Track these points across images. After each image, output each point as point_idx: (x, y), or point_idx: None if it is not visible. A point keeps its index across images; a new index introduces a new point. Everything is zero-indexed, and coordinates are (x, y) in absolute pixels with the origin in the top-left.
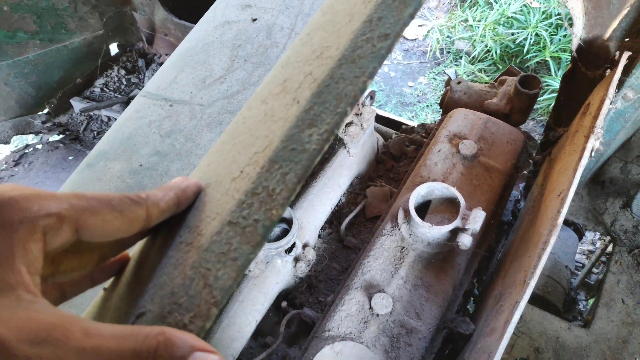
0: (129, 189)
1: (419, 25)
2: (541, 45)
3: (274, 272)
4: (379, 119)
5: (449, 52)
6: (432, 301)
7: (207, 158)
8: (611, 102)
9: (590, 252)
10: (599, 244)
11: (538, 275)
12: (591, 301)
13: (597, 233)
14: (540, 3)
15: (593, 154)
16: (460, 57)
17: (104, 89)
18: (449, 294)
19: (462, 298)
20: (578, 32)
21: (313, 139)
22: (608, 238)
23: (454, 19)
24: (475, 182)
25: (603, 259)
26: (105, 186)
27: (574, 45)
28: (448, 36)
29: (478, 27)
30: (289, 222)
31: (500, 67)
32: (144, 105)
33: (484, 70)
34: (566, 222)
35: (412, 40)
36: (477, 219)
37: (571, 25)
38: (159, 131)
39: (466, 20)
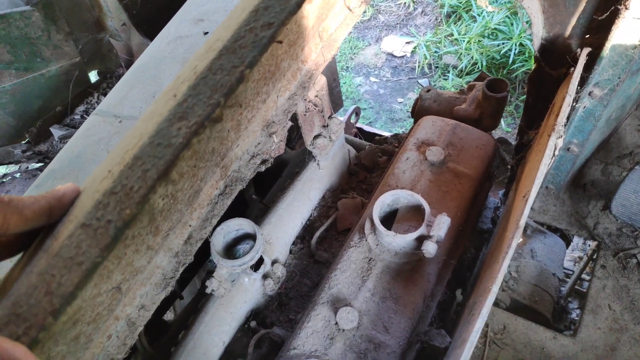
0: None
1: (407, 42)
2: (526, 55)
3: (241, 291)
4: (366, 135)
5: (437, 67)
6: (401, 313)
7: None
8: (577, 101)
9: (580, 258)
10: (587, 248)
11: (500, 281)
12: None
13: (582, 238)
14: (491, 6)
15: (557, 152)
16: (448, 71)
17: (84, 115)
18: (419, 305)
19: (435, 309)
20: (538, 32)
21: (181, 132)
22: (594, 242)
23: (440, 33)
24: (444, 188)
25: (593, 261)
26: None
27: (536, 45)
28: (435, 51)
29: (463, 41)
30: (253, 237)
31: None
32: (94, 123)
33: None
34: (551, 229)
35: (400, 57)
36: (441, 225)
37: (530, 25)
38: (107, 148)
39: (452, 35)
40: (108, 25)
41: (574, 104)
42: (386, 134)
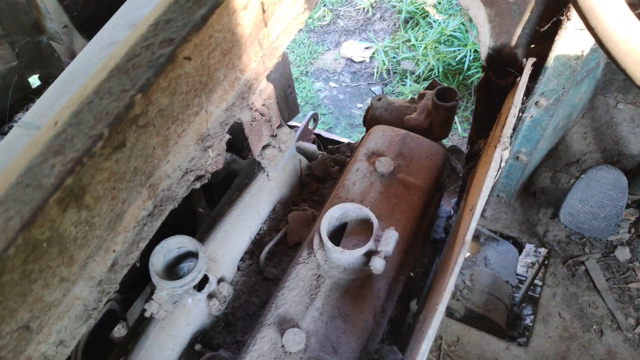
0: None
1: (366, 48)
2: (481, 61)
3: (184, 313)
4: (324, 141)
5: (395, 73)
6: (350, 332)
7: None
8: (524, 111)
9: (533, 264)
10: (539, 255)
11: (447, 300)
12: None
13: (533, 245)
14: (441, 15)
15: (503, 164)
16: (406, 77)
17: None
18: (369, 322)
19: (387, 326)
20: (485, 41)
21: (54, 171)
22: (545, 249)
23: (398, 39)
24: (394, 200)
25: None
26: None
27: (483, 55)
28: (393, 57)
29: (420, 47)
30: (197, 256)
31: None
32: (17, 136)
33: None
34: (503, 236)
35: (359, 62)
36: (389, 240)
37: (477, 34)
38: None
39: (409, 41)
40: (48, 27)
41: (521, 114)
42: (345, 139)
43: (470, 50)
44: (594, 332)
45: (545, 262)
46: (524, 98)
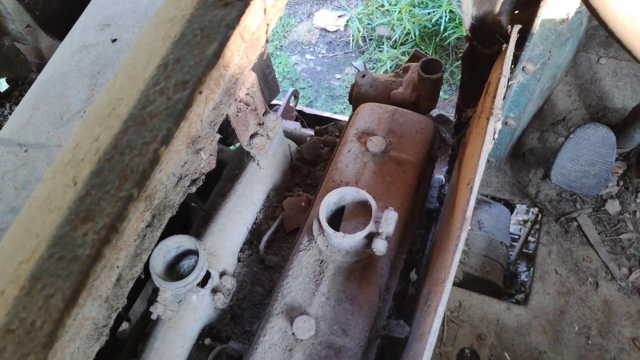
0: None
1: (339, 16)
2: (457, 21)
3: (190, 310)
4: (307, 117)
5: (371, 40)
6: (358, 313)
7: None
8: (512, 78)
9: (525, 221)
10: (531, 214)
11: (453, 277)
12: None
13: (525, 205)
14: None
15: (496, 136)
16: (383, 43)
17: None
18: (376, 302)
19: (392, 301)
20: (468, 10)
21: (88, 240)
22: (537, 208)
23: (371, 5)
24: (388, 178)
25: (538, 226)
26: None
27: (467, 24)
28: (368, 23)
29: (395, 11)
30: (196, 253)
31: (423, 47)
32: None
33: (407, 53)
34: (495, 198)
35: (333, 32)
36: (389, 221)
37: (459, 4)
38: (14, 183)
39: (383, 6)
40: (10, 28)
41: (509, 83)
42: (327, 114)
43: (446, 11)
44: (590, 285)
45: (538, 220)
46: (512, 67)
